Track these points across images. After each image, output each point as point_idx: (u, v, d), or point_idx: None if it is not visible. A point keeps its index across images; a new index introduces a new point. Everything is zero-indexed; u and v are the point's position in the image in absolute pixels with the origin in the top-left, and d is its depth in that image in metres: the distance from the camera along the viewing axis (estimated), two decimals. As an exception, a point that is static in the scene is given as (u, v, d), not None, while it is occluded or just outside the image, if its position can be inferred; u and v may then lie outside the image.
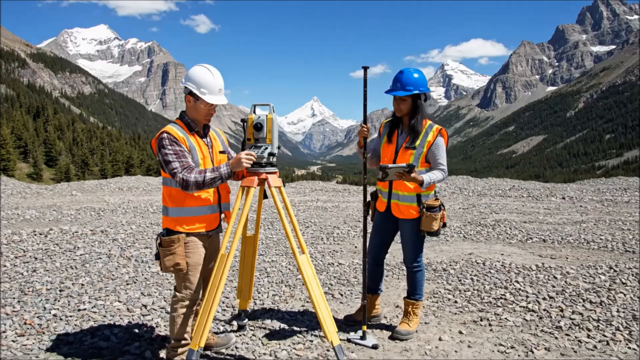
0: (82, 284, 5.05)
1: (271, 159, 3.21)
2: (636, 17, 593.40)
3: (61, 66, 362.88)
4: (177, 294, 3.04)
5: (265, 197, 3.43)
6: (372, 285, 3.93)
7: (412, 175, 3.33)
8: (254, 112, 3.26)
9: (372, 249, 3.86)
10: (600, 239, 7.61)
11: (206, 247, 3.13)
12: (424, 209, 3.51)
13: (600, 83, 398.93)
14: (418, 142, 3.52)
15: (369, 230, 3.86)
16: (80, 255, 6.35)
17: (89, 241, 7.24)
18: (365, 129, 3.63)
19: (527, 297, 4.60)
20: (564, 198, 14.07)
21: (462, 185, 17.56)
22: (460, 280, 5.22)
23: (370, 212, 3.89)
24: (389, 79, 3.80)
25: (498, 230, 8.46)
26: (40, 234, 7.70)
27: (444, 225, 3.62)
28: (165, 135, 2.86)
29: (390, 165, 3.29)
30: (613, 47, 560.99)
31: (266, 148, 3.15)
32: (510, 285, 5.01)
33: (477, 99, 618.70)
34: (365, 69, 3.67)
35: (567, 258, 6.44)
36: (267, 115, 3.18)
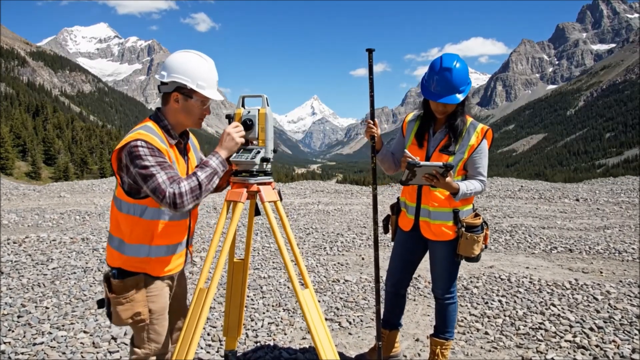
0: (46, 307, 4.33)
1: (265, 166, 2.48)
2: (636, 15, 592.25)
3: (61, 64, 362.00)
4: (137, 350, 2.25)
5: (257, 213, 2.71)
6: (390, 318, 3.20)
7: (447, 179, 2.59)
8: (243, 106, 2.54)
9: (393, 274, 3.12)
10: (632, 248, 6.89)
11: (171, 287, 2.39)
12: (463, 229, 2.77)
13: (601, 81, 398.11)
14: (458, 146, 2.78)
15: (385, 247, 3.12)
16: (53, 269, 5.63)
17: (66, 251, 6.51)
18: (373, 126, 2.91)
19: (570, 326, 3.87)
20: (577, 200, 13.35)
21: (469, 186, 16.83)
22: (487, 303, 4.50)
23: (390, 230, 3.16)
24: (389, 78, 3.02)
25: (517, 238, 7.74)
26: (14, 243, 6.98)
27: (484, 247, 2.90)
28: (140, 142, 2.01)
29: (421, 163, 2.51)
30: (613, 45, 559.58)
31: (258, 152, 2.42)
32: (546, 309, 4.29)
33: (477, 97, 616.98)
34: (370, 52, 2.94)
35: (601, 272, 5.72)
36: (258, 110, 2.45)
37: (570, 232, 8.34)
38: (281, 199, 2.59)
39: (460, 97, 2.66)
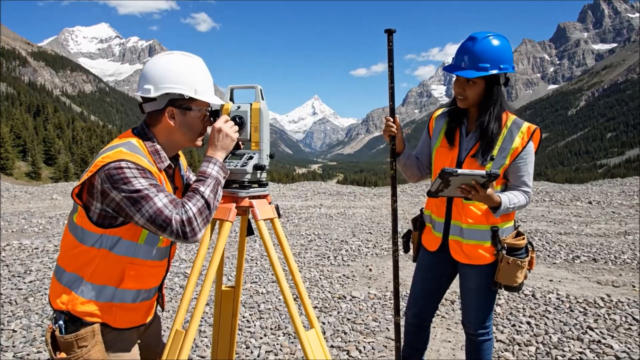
0: (14, 331, 3.82)
1: (259, 175, 1.96)
2: (637, 15, 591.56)
3: (62, 64, 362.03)
4: None
5: (250, 233, 2.19)
6: (412, 354, 2.66)
7: (489, 191, 2.06)
8: (231, 100, 2.02)
9: (415, 302, 2.58)
10: (662, 258, 6.36)
11: (138, 332, 1.87)
12: (503, 252, 2.25)
13: (602, 81, 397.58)
14: (496, 150, 2.24)
15: (406, 271, 2.59)
16: (29, 282, 5.12)
17: (48, 261, 6.00)
18: (392, 124, 2.40)
19: (616, 357, 3.34)
20: (590, 202, 12.83)
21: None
22: (514, 326, 3.97)
23: (411, 249, 2.63)
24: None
25: (535, 246, 7.21)
26: (-6, 252, 6.47)
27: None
28: (124, 163, 1.52)
29: (459, 171, 1.95)
30: (614, 45, 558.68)
31: (250, 157, 1.90)
32: (583, 334, 3.76)
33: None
34: (389, 33, 2.43)
35: (634, 286, 5.19)
36: (250, 105, 1.93)
37: (590, 239, 7.82)
38: (279, 216, 2.07)
39: (475, 72, 2.12)
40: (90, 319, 1.64)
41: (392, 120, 2.40)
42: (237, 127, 1.81)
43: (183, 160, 2.01)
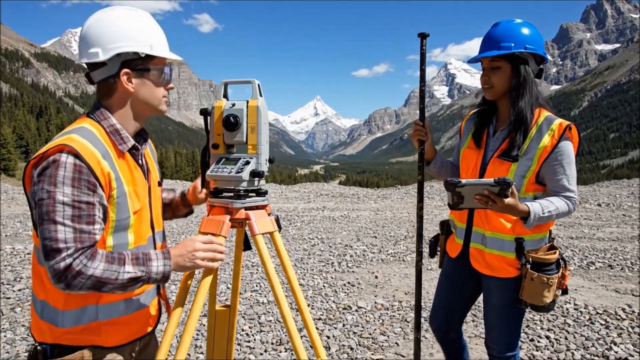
0: (-2, 346, 3.58)
1: (257, 183, 1.71)
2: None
3: (65, 66, 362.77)
4: None
5: (247, 247, 1.94)
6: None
7: (508, 201, 1.81)
8: (225, 97, 1.77)
9: (436, 313, 2.34)
10: (680, 264, 6.09)
11: (133, 352, 1.63)
12: (528, 265, 2.00)
13: (605, 82, 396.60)
14: (524, 149, 1.99)
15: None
16: (19, 290, 4.88)
17: (40, 268, 5.76)
18: (422, 127, 2.22)
19: (647, 377, 3.09)
20: (599, 205, 12.55)
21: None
22: (532, 340, 3.71)
23: (438, 254, 2.40)
24: (392, 78, 2.37)
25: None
26: (-15, 257, 6.24)
27: (565, 292, 2.10)
28: (64, 156, 1.24)
29: (463, 181, 1.75)
30: (617, 45, 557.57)
31: (247, 162, 1.65)
32: (608, 350, 3.49)
33: (480, 97, 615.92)
34: (423, 37, 2.25)
35: (654, 296, 4.93)
36: (247, 102, 1.68)
37: (602, 243, 7.54)
38: (280, 229, 1.82)
39: (496, 50, 1.96)
40: (77, 344, 1.40)
41: (421, 124, 2.20)
42: (221, 255, 1.52)
43: (152, 147, 1.73)
